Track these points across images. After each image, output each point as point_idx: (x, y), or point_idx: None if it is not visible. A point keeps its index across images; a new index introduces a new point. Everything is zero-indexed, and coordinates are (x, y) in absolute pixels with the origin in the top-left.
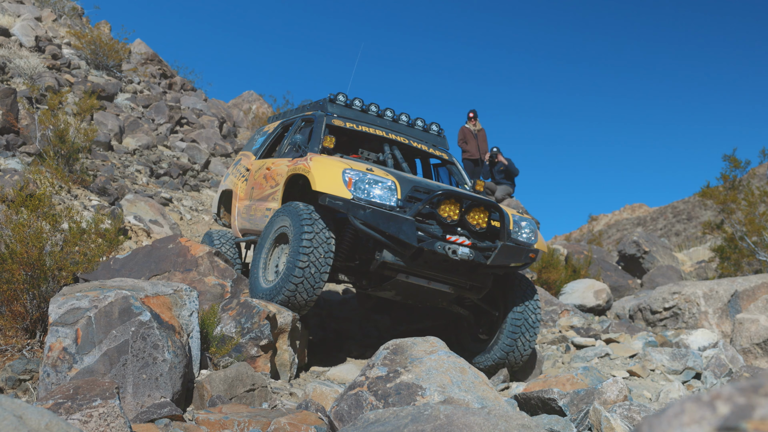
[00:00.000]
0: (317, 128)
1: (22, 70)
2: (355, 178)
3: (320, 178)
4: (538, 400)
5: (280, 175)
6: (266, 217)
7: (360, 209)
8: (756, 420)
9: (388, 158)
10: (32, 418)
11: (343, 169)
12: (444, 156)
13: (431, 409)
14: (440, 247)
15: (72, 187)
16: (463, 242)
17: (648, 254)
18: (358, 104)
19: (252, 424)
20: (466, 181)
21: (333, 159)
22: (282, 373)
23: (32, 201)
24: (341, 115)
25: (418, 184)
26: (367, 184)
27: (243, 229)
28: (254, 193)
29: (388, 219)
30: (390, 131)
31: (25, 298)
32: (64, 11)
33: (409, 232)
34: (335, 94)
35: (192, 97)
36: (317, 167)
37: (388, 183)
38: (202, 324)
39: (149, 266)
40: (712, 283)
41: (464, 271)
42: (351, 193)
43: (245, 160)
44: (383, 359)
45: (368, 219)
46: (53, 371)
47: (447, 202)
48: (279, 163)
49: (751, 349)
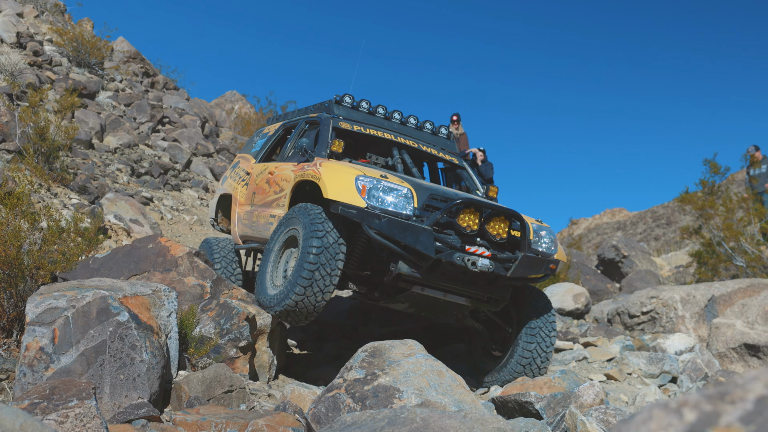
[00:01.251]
0: (324, 131)
1: (3, 67)
2: (368, 186)
3: (332, 186)
4: (515, 403)
5: (285, 181)
6: (270, 225)
7: (375, 218)
8: (721, 427)
9: (398, 163)
10: (6, 418)
11: (356, 176)
12: (454, 160)
13: (408, 412)
14: (459, 258)
15: (52, 185)
16: (483, 253)
17: (627, 258)
18: (365, 106)
19: (230, 426)
20: (477, 186)
21: (344, 164)
22: (261, 374)
23: (11, 199)
24: (348, 118)
25: (435, 192)
26: (381, 191)
27: (243, 236)
28: (256, 199)
29: (405, 229)
30: (398, 134)
31: (1, 297)
32: (46, 7)
33: (427, 243)
34: (341, 95)
35: (174, 96)
36: (328, 174)
37: (404, 191)
38: (180, 324)
39: (129, 266)
40: (689, 287)
41: (483, 283)
42: (365, 201)
43: (244, 163)
44: (361, 362)
45: (383, 229)
46: (30, 371)
47: (466, 212)
48: (283, 168)
49: (727, 354)
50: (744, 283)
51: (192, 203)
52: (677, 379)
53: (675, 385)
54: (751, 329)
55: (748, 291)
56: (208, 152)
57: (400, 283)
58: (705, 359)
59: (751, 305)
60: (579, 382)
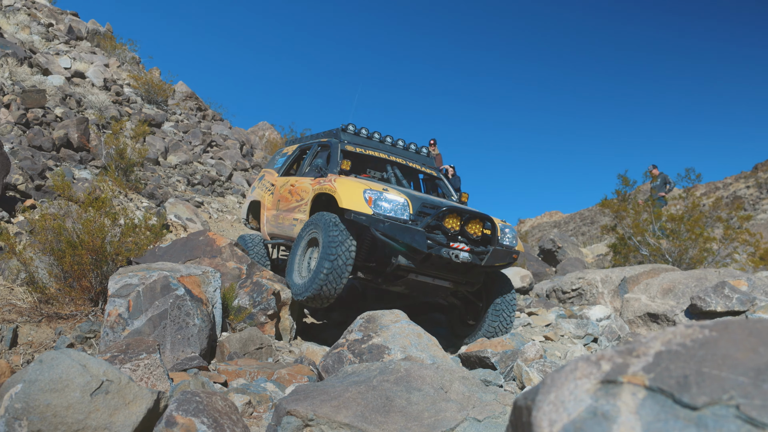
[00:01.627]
0: (334, 153)
1: (93, 104)
2: (374, 197)
3: (345, 197)
4: (476, 358)
5: (305, 191)
6: (293, 225)
7: (380, 222)
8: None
9: (391, 177)
10: (93, 366)
11: (364, 189)
12: (433, 173)
13: (394, 364)
14: (446, 252)
15: (128, 192)
16: (464, 248)
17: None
18: (364, 132)
19: (260, 374)
20: (452, 193)
21: (353, 180)
22: (284, 335)
23: (97, 202)
24: (351, 142)
25: (425, 201)
26: (384, 201)
27: (271, 234)
28: (281, 205)
29: (404, 230)
30: (390, 154)
31: (91, 276)
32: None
33: (421, 241)
34: (346, 124)
35: (220, 125)
36: (342, 188)
37: (402, 201)
38: (223, 298)
39: (185, 253)
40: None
41: (463, 270)
42: (371, 209)
43: (269, 176)
44: (359, 326)
45: (387, 230)
46: (111, 331)
47: (450, 216)
48: (302, 182)
49: (635, 320)
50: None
51: (233, 206)
52: (597, 340)
53: (596, 345)
54: (652, 302)
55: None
56: (245, 168)
57: (399, 271)
58: (618, 325)
59: (652, 284)
60: (524, 342)
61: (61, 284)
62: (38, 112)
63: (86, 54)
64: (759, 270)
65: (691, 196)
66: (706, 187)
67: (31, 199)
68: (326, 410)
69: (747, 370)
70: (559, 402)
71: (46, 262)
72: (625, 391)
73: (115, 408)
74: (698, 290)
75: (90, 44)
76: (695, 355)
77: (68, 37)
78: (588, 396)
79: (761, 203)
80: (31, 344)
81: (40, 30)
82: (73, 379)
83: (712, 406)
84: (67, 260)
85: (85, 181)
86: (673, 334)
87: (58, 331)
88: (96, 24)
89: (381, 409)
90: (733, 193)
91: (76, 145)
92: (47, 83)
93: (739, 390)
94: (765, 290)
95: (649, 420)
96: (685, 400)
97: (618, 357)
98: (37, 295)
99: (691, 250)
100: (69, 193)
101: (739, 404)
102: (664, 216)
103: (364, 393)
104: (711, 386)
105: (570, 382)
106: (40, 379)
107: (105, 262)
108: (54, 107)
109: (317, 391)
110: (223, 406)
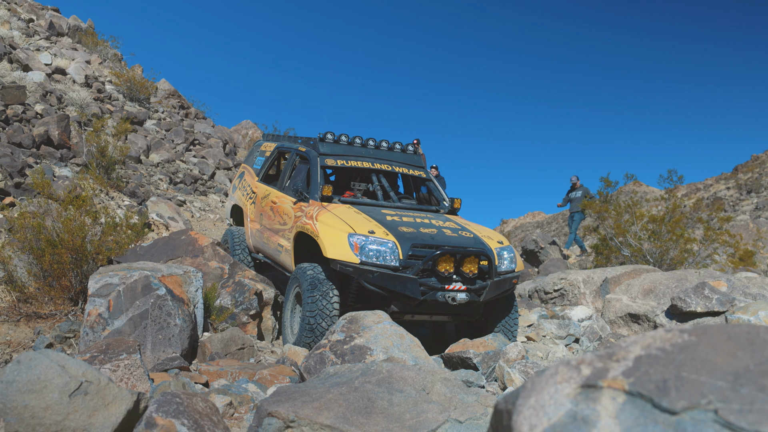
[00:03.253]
0: (314, 173)
1: (74, 101)
2: (360, 243)
3: (330, 246)
4: (458, 358)
5: (287, 215)
6: (279, 252)
7: (368, 273)
8: (609, 379)
9: (377, 189)
10: (72, 367)
11: (348, 234)
12: (422, 174)
13: (376, 365)
14: (441, 296)
15: (109, 190)
16: (460, 288)
17: (543, 249)
18: (344, 139)
19: (242, 374)
20: (444, 197)
21: (337, 220)
22: (266, 335)
23: (78, 201)
24: (332, 153)
25: (415, 241)
26: (371, 246)
27: (256, 248)
28: (264, 221)
29: (394, 279)
30: (375, 160)
31: (71, 275)
32: (108, 56)
33: (414, 289)
34: (324, 133)
35: (203, 124)
36: (325, 234)
37: (390, 245)
38: (205, 297)
39: (166, 252)
40: (589, 271)
41: (461, 308)
42: (358, 257)
43: (248, 177)
44: (342, 327)
45: (377, 281)
46: (91, 331)
47: (443, 259)
48: (284, 202)
49: (616, 321)
50: (629, 268)
51: (215, 205)
52: (579, 340)
53: (578, 345)
54: (633, 302)
55: (632, 274)
56: (228, 167)
57: (394, 315)
58: (600, 325)
59: (633, 285)
60: (506, 343)
61: (40, 283)
62: (18, 108)
63: (67, 50)
64: (738, 271)
65: (672, 197)
66: (687, 188)
67: (10, 196)
68: (308, 411)
69: (725, 375)
70: (539, 406)
71: (26, 261)
72: (605, 395)
73: (94, 409)
74: (679, 291)
75: (71, 40)
76: (674, 359)
77: (49, 32)
78: (568, 400)
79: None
80: (10, 344)
81: (20, 25)
82: (51, 380)
83: (691, 410)
84: (46, 259)
85: (66, 179)
86: (653, 339)
87: (37, 331)
88: (77, 20)
89: (363, 410)
90: (713, 194)
91: (57, 143)
92: (27, 79)
93: (717, 394)
94: (744, 291)
95: (628, 425)
96: (664, 405)
97: (598, 361)
98: (16, 294)
99: (672, 251)
100: (49, 191)
101: (717, 409)
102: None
103: (346, 394)
104: (690, 391)
105: (550, 386)
106: (18, 380)
107: (85, 261)
108: (34, 104)
109: (299, 393)
110: (204, 407)
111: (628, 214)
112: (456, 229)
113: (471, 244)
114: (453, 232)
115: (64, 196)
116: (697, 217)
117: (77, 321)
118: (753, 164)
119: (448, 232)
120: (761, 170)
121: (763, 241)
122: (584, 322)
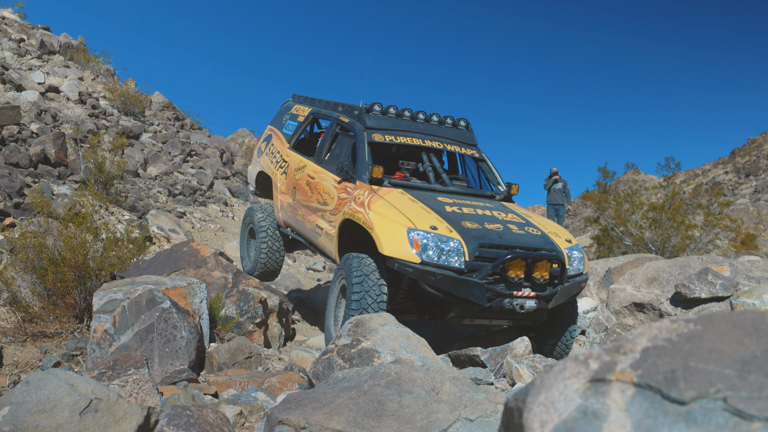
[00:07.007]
0: (360, 149)
1: (69, 118)
2: (421, 241)
3: (386, 242)
4: (465, 356)
5: (328, 194)
6: (317, 234)
7: (430, 275)
8: (617, 372)
9: (428, 170)
10: (81, 385)
11: (408, 228)
12: (476, 154)
13: (385, 368)
14: (508, 303)
15: (109, 206)
16: (529, 294)
17: None
18: (392, 111)
19: (250, 383)
20: (499, 181)
21: (393, 210)
22: (273, 343)
23: (78, 218)
24: (379, 127)
25: (483, 240)
26: (433, 246)
27: (288, 224)
28: (298, 196)
29: (459, 284)
30: (425, 136)
31: (74, 293)
32: (101, 72)
33: (480, 295)
34: (370, 104)
35: (199, 134)
36: (381, 227)
37: (455, 245)
38: (210, 308)
39: (169, 265)
40: (592, 262)
41: (526, 315)
42: (418, 256)
43: (277, 142)
44: (348, 331)
45: (439, 284)
46: (97, 348)
47: (514, 263)
48: (324, 178)
49: (621, 311)
50: (632, 257)
51: (215, 215)
52: (585, 332)
53: (584, 336)
54: (637, 292)
55: (635, 263)
56: (226, 176)
57: (454, 318)
58: (605, 316)
59: (637, 274)
60: (513, 338)
61: (44, 302)
62: (13, 128)
63: (60, 68)
64: (741, 255)
65: (671, 184)
66: (686, 175)
67: (10, 217)
68: (318, 417)
69: (733, 363)
70: (550, 403)
71: (29, 281)
72: (614, 389)
73: (105, 426)
74: (682, 278)
75: (63, 58)
76: (681, 349)
77: (41, 51)
78: (578, 395)
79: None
80: (17, 364)
81: (11, 46)
82: (61, 399)
83: (700, 400)
84: (49, 278)
85: (65, 196)
86: (659, 329)
87: (43, 350)
88: (68, 37)
89: (373, 413)
90: (712, 179)
91: (54, 161)
92: (21, 99)
93: (725, 383)
94: (747, 275)
95: (638, 417)
96: (673, 396)
97: (605, 355)
98: (21, 315)
99: (673, 238)
100: (48, 210)
101: (726, 397)
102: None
103: (356, 398)
104: (698, 380)
105: (559, 382)
106: (28, 401)
107: (88, 278)
108: (29, 123)
109: (308, 399)
110: (215, 418)
111: (628, 203)
112: (521, 224)
113: (541, 244)
114: (519, 228)
115: (64, 214)
116: (696, 203)
117: (83, 338)
118: (750, 147)
119: (515, 228)
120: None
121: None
122: (590, 314)
